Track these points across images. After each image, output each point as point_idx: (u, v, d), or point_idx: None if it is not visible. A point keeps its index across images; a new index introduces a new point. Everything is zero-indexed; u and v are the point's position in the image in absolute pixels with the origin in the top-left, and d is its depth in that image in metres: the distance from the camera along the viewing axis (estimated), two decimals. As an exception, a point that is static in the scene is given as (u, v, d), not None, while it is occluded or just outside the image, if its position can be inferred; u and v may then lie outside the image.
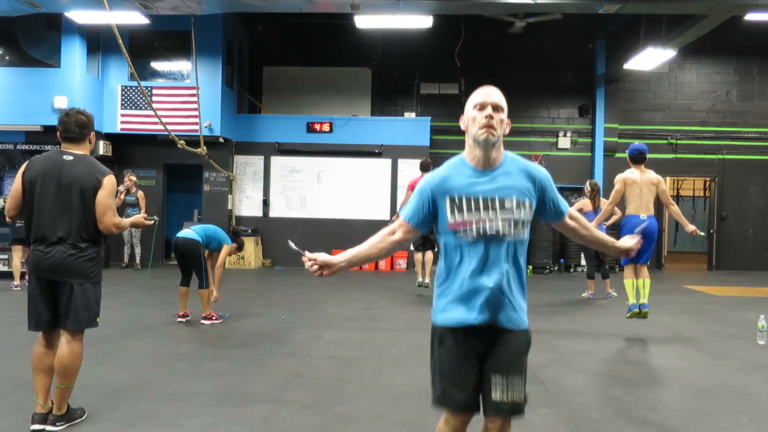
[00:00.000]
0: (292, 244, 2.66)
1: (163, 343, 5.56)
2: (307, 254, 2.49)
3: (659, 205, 6.79)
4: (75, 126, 3.49)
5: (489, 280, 2.33)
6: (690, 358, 5.41)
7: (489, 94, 2.43)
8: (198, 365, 4.83)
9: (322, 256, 2.49)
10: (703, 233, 6.72)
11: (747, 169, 13.31)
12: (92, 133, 3.61)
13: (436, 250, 8.96)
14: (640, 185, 6.13)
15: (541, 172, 2.46)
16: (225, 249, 6.52)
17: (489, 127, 2.34)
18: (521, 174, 2.41)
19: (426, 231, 2.52)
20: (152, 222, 3.94)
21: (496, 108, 2.38)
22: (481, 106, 2.40)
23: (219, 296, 6.63)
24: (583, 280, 10.57)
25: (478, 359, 2.37)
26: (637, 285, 6.19)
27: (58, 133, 3.53)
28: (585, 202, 8.77)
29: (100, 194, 3.44)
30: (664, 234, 13.83)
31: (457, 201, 2.36)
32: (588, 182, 8.88)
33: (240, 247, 6.89)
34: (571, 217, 2.59)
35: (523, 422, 3.60)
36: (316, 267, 2.49)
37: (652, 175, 6.20)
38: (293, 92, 13.67)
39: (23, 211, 3.48)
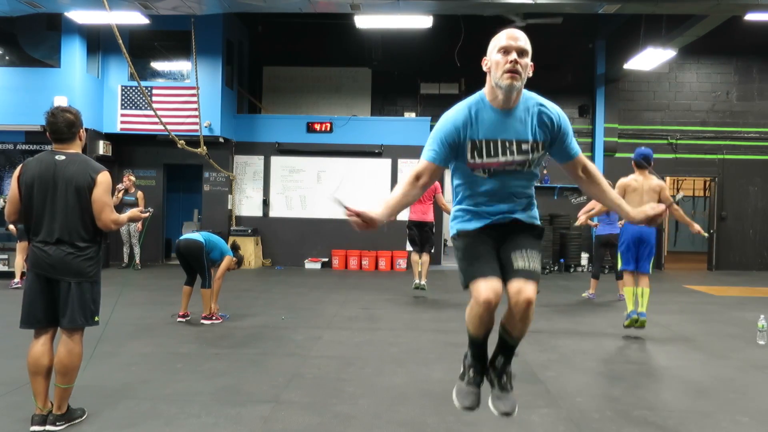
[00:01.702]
0: (337, 198, 2.71)
1: (163, 343, 5.56)
2: (351, 208, 2.51)
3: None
4: (63, 126, 3.46)
5: (502, 204, 2.54)
6: (690, 358, 5.40)
7: (515, 37, 2.41)
8: (198, 365, 4.83)
9: (367, 214, 2.51)
10: (706, 234, 6.71)
11: (747, 169, 13.31)
12: (82, 130, 3.58)
13: (432, 251, 8.95)
14: (642, 192, 6.08)
15: (558, 112, 2.53)
16: (226, 261, 6.53)
17: (514, 72, 2.34)
18: (539, 114, 2.49)
19: (447, 166, 2.65)
20: (147, 214, 3.99)
21: (521, 52, 2.38)
22: (506, 50, 2.38)
23: (218, 308, 6.62)
24: (583, 280, 10.59)
25: (496, 245, 2.55)
26: (636, 293, 6.15)
27: (47, 134, 3.51)
28: (596, 203, 8.74)
29: (95, 192, 3.44)
30: (664, 234, 13.82)
31: (478, 144, 2.44)
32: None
33: (239, 263, 6.88)
34: (584, 168, 2.62)
35: (523, 422, 3.62)
36: (358, 220, 2.51)
37: (654, 181, 6.15)
38: (293, 92, 13.68)
39: (22, 214, 3.47)
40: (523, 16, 11.37)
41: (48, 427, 3.37)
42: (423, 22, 9.84)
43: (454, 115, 2.49)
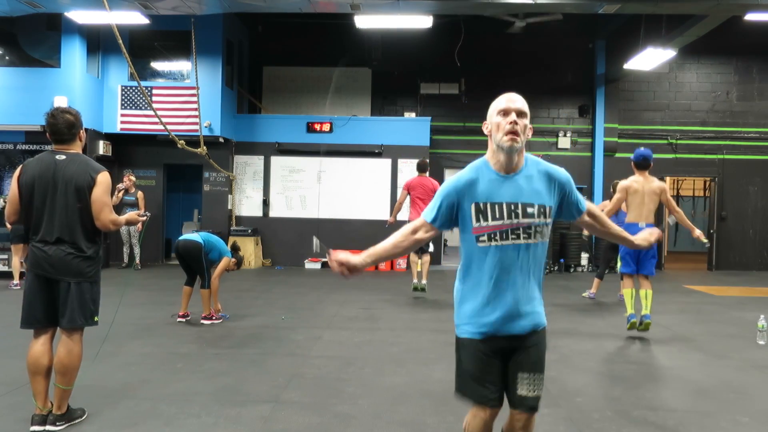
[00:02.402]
0: (316, 242, 2.72)
1: (163, 343, 5.56)
2: (334, 256, 2.52)
3: (659, 213, 6.78)
4: (63, 127, 3.47)
5: (510, 290, 2.43)
6: (690, 358, 5.41)
7: (512, 100, 2.47)
8: (198, 365, 4.83)
9: (350, 260, 2.53)
10: (706, 241, 6.62)
11: (747, 169, 13.31)
12: (82, 131, 3.58)
13: (431, 250, 8.95)
14: (643, 194, 6.06)
15: (562, 174, 2.53)
16: (224, 262, 6.52)
17: (513, 133, 2.39)
18: (543, 177, 2.48)
19: (447, 230, 2.60)
20: (145, 218, 4.05)
21: (520, 114, 2.42)
22: (505, 113, 2.43)
23: (220, 307, 6.63)
24: (583, 280, 10.59)
25: (501, 356, 2.48)
26: (638, 296, 6.14)
27: (47, 134, 3.51)
28: (605, 204, 8.66)
29: (95, 192, 3.44)
30: (665, 234, 13.82)
31: (482, 207, 2.43)
32: (612, 184, 8.68)
33: (239, 264, 6.86)
34: (590, 214, 2.66)
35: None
36: (344, 271, 2.53)
37: (655, 183, 6.13)
38: (293, 92, 13.68)
39: (22, 214, 3.47)
40: (523, 16, 11.38)
41: (48, 427, 3.37)
42: (423, 22, 9.84)
43: (456, 178, 2.52)
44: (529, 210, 2.41)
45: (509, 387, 2.49)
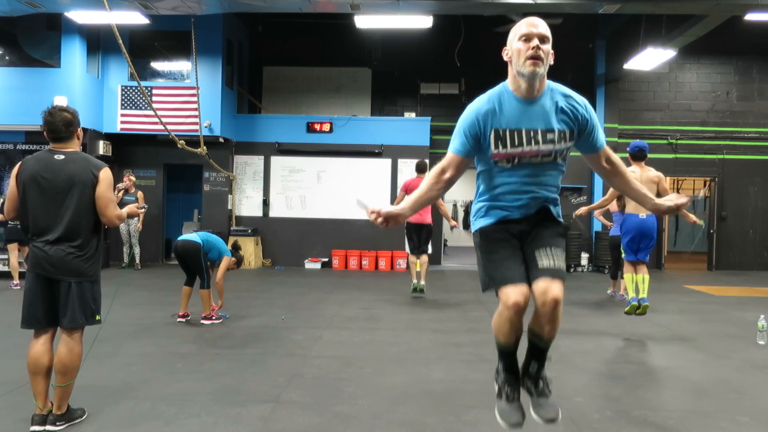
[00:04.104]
0: (360, 201, 2.72)
1: (163, 343, 5.56)
2: (370, 207, 2.52)
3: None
4: (61, 125, 3.46)
5: (526, 198, 2.45)
6: (690, 358, 5.40)
7: (534, 24, 2.40)
8: (198, 365, 4.83)
9: (386, 208, 2.52)
10: (702, 222, 6.78)
11: (747, 169, 13.31)
12: (79, 129, 3.57)
13: (430, 252, 8.95)
14: (641, 183, 6.13)
15: (584, 103, 2.49)
16: (225, 262, 6.52)
17: (536, 58, 2.33)
18: (564, 103, 2.44)
19: (475, 156, 2.56)
20: (143, 210, 4.13)
21: (543, 39, 2.37)
22: (527, 38, 2.37)
23: (221, 303, 6.64)
24: (583, 280, 10.60)
25: (519, 242, 2.48)
26: (636, 280, 6.27)
27: (45, 133, 3.51)
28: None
29: (99, 188, 3.44)
30: (664, 234, 13.82)
31: (501, 134, 2.40)
32: None
33: (239, 263, 6.87)
34: (608, 159, 2.61)
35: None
36: (381, 220, 2.52)
37: (652, 172, 6.23)
38: (293, 92, 13.68)
39: (20, 213, 3.47)
40: (523, 16, 11.37)
41: (48, 427, 3.37)
42: (423, 22, 9.84)
43: (476, 106, 2.48)
44: (549, 136, 2.38)
45: (530, 267, 2.44)
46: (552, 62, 2.41)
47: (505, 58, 2.46)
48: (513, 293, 2.43)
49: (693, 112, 13.47)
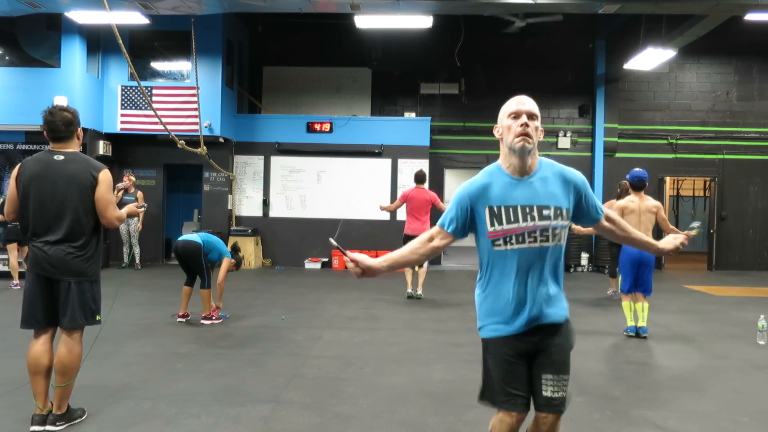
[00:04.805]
0: (332, 242, 2.71)
1: (163, 343, 5.56)
2: (349, 255, 2.53)
3: (658, 232, 6.78)
4: (61, 125, 3.46)
5: (529, 293, 2.42)
6: (690, 358, 5.41)
7: (522, 102, 2.45)
8: (198, 365, 4.83)
9: (365, 261, 2.54)
10: (698, 224, 6.67)
11: (747, 169, 13.31)
12: (79, 129, 3.58)
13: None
14: (639, 213, 6.17)
15: (578, 176, 2.50)
16: (225, 264, 6.51)
17: (525, 135, 2.37)
18: (558, 179, 2.45)
19: (463, 237, 2.56)
20: (143, 209, 4.15)
21: (531, 116, 2.40)
22: (516, 115, 2.41)
23: (221, 305, 6.64)
24: (583, 280, 10.60)
25: (526, 359, 2.46)
26: (635, 308, 6.19)
27: (45, 133, 3.51)
28: (612, 203, 8.66)
29: (98, 190, 3.44)
30: (664, 234, 13.79)
31: (496, 210, 2.40)
32: (620, 185, 8.65)
33: (238, 265, 6.86)
34: (608, 219, 2.63)
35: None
36: (358, 271, 2.54)
37: (651, 202, 6.23)
38: (293, 92, 13.69)
39: (21, 213, 3.47)
40: (523, 16, 11.38)
41: (48, 427, 3.37)
42: (423, 22, 9.84)
43: (470, 183, 2.50)
44: (545, 212, 2.38)
45: (534, 390, 2.47)
46: (542, 138, 2.46)
47: (497, 136, 2.49)
48: (509, 419, 2.50)
49: (693, 112, 13.47)
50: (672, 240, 2.77)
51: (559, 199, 2.41)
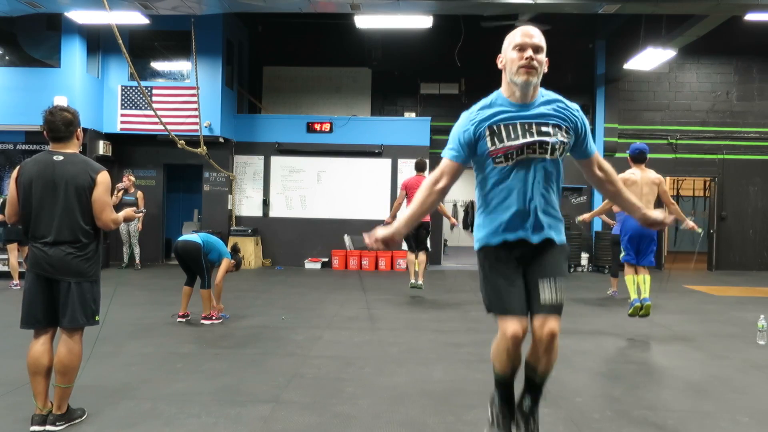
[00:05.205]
0: (347, 240, 2.74)
1: (163, 343, 5.56)
2: (366, 237, 2.52)
3: (659, 206, 6.78)
4: (61, 125, 3.45)
5: (525, 205, 2.43)
6: (690, 358, 5.40)
7: (529, 34, 2.41)
8: (198, 365, 4.83)
9: (380, 232, 2.50)
10: (701, 230, 6.71)
11: (747, 169, 13.32)
12: (79, 129, 3.57)
13: (430, 251, 8.96)
14: (641, 185, 6.14)
15: (577, 108, 2.53)
16: (224, 264, 6.50)
17: (529, 67, 2.34)
18: (558, 107, 2.47)
19: (466, 163, 2.57)
20: (141, 214, 4.11)
21: (537, 49, 2.38)
22: (521, 47, 2.39)
23: (222, 307, 6.63)
24: (583, 280, 10.59)
25: (521, 267, 2.48)
26: (637, 281, 6.25)
27: (44, 133, 3.51)
28: (609, 203, 8.70)
29: (96, 192, 3.44)
30: (664, 234, 13.82)
31: (496, 129, 2.41)
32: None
33: (238, 266, 6.85)
34: (600, 166, 2.63)
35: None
36: (379, 245, 2.51)
37: (652, 174, 6.22)
38: (293, 92, 13.69)
39: (21, 215, 3.47)
40: (517, 18, 11.37)
41: (48, 427, 3.37)
42: (423, 22, 9.84)
43: (469, 112, 2.51)
44: (544, 128, 2.39)
45: (530, 297, 2.46)
46: (546, 71, 2.43)
47: (500, 66, 2.49)
48: (512, 325, 2.46)
49: (693, 112, 13.47)
50: (659, 214, 2.74)
51: (558, 119, 2.43)
